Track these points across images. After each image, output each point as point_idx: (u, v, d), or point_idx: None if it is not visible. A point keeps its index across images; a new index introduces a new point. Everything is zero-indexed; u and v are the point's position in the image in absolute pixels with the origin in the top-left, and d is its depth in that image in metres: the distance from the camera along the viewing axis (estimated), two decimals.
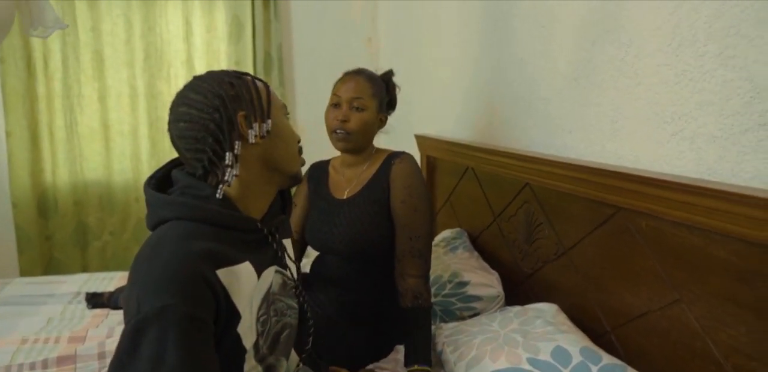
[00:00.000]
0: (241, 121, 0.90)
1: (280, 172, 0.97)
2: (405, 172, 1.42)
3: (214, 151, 0.88)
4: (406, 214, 1.39)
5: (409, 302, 1.33)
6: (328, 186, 1.53)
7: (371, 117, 1.44)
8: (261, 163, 0.93)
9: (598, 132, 1.37)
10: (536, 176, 1.48)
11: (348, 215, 1.43)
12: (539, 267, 1.53)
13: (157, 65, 2.85)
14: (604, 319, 1.28)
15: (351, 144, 1.44)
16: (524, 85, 1.68)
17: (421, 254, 1.37)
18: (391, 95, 1.53)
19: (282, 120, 0.97)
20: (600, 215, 1.26)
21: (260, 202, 0.96)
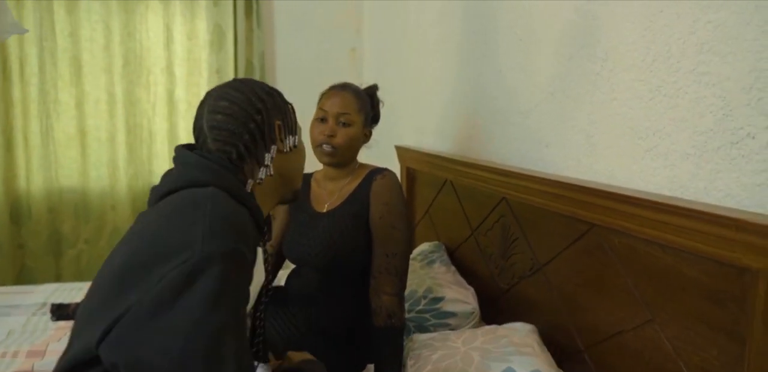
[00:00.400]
0: (278, 128, 0.96)
1: (289, 186, 1.02)
2: (385, 189, 1.40)
3: (246, 147, 0.91)
4: (383, 230, 1.37)
5: (381, 321, 1.30)
6: (309, 199, 1.51)
7: (357, 132, 1.43)
8: (278, 172, 0.97)
9: (574, 147, 1.35)
10: (512, 190, 1.47)
11: (326, 228, 1.41)
12: (515, 283, 1.50)
13: (136, 72, 2.82)
14: (578, 337, 1.26)
15: (337, 158, 1.43)
16: (503, 98, 1.66)
17: (397, 272, 1.35)
18: (375, 110, 1.53)
19: (301, 138, 1.04)
20: (574, 231, 1.24)
21: (264, 210, 0.97)
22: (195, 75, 2.89)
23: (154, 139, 2.88)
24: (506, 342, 1.20)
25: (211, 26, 2.86)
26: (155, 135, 2.88)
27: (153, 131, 2.88)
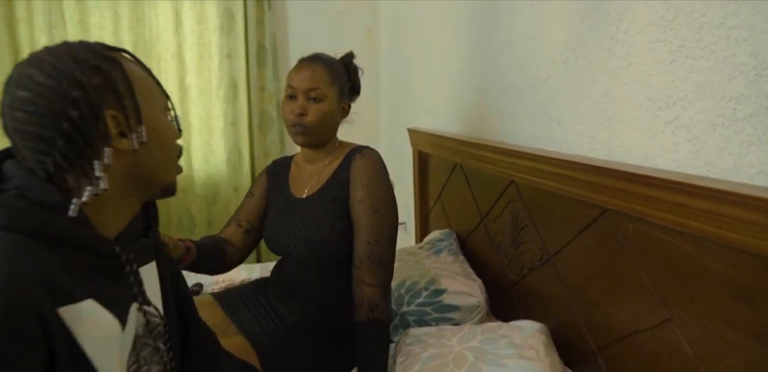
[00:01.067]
0: (111, 123, 0.69)
1: (149, 184, 0.76)
2: (365, 170, 1.27)
3: (65, 155, 0.67)
4: (364, 215, 1.23)
5: (363, 315, 1.18)
6: (288, 183, 1.39)
7: (331, 107, 1.30)
8: (126, 173, 0.73)
9: (587, 122, 1.20)
10: (521, 173, 1.32)
11: (305, 215, 1.29)
12: (524, 274, 1.37)
13: (146, 58, 2.74)
14: (590, 336, 1.12)
15: (311, 138, 1.30)
16: (513, 72, 1.51)
17: (381, 260, 1.21)
18: (353, 80, 1.39)
19: (162, 120, 0.76)
20: (585, 217, 1.10)
21: (118, 219, 0.74)
22: (206, 60, 2.81)
23: None
24: (507, 343, 1.07)
25: (221, 9, 2.77)
26: None
27: None
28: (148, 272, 0.81)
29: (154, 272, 0.83)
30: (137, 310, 0.76)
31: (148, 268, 0.81)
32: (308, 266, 1.30)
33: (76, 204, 0.67)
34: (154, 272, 0.83)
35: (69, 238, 0.66)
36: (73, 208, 0.67)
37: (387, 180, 1.30)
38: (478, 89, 1.74)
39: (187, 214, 2.89)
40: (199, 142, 2.85)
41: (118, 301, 0.71)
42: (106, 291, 0.70)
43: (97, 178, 0.68)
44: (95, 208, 0.70)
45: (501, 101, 1.59)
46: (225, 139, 2.86)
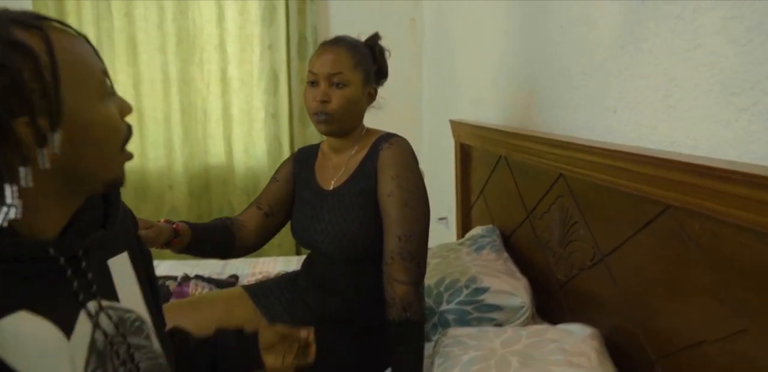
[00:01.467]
0: (24, 132, 0.56)
1: (89, 184, 0.66)
2: (394, 160, 1.19)
3: None
4: (394, 208, 1.16)
5: (396, 314, 1.11)
6: (315, 173, 1.33)
7: (356, 93, 1.22)
8: (59, 177, 0.61)
9: (647, 110, 1.10)
10: (571, 166, 1.23)
11: (332, 209, 1.23)
12: (574, 275, 1.28)
13: (189, 50, 2.76)
14: (648, 345, 1.02)
15: (334, 126, 1.22)
16: (565, 58, 1.41)
17: (413, 257, 1.14)
18: (379, 63, 1.30)
19: (97, 113, 0.62)
20: (644, 214, 1.00)
21: (55, 217, 0.64)
22: (247, 51, 2.80)
23: (208, 118, 2.84)
24: (555, 348, 0.99)
25: (263, 1, 2.75)
26: (209, 114, 2.84)
27: (207, 110, 2.83)
28: (118, 264, 0.74)
29: (124, 264, 0.76)
30: (93, 312, 0.67)
31: (118, 260, 0.74)
32: (337, 261, 1.25)
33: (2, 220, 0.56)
34: (124, 264, 0.76)
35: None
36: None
37: (417, 170, 1.22)
38: (525, 78, 1.65)
39: (228, 206, 2.90)
40: (240, 134, 2.85)
41: (60, 307, 0.63)
42: (44, 298, 0.62)
43: (11, 205, 0.56)
44: (25, 211, 0.58)
45: (551, 90, 1.49)
46: (266, 130, 2.85)
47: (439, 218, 2.56)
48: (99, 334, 0.67)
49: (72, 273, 0.65)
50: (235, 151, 2.86)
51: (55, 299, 0.64)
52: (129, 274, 0.76)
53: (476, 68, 2.08)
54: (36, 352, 0.60)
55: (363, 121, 1.30)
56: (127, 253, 0.77)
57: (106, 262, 0.73)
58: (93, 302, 0.68)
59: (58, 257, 0.63)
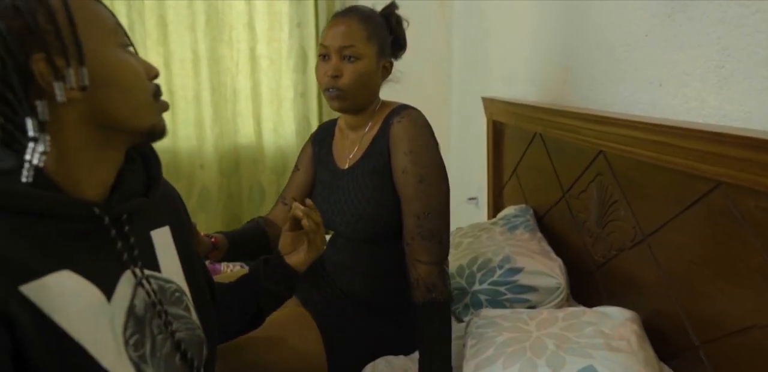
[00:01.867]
0: (41, 68, 0.59)
1: (122, 131, 0.66)
2: (405, 134, 1.12)
3: (5, 115, 0.59)
4: (409, 186, 1.11)
5: (420, 296, 1.08)
6: (333, 152, 1.29)
7: (369, 67, 1.15)
8: (87, 122, 0.63)
9: (697, 83, 1.03)
10: (612, 142, 1.17)
11: (347, 189, 1.19)
12: (612, 256, 1.23)
13: (218, 28, 2.74)
14: (691, 329, 0.98)
15: (347, 102, 1.16)
16: (605, 28, 1.34)
17: (433, 235, 1.09)
18: (396, 33, 1.22)
19: (115, 57, 0.65)
20: (692, 192, 0.95)
21: (98, 174, 0.66)
22: (276, 30, 2.77)
23: (238, 97, 2.83)
24: (593, 331, 0.95)
25: None
26: (239, 93, 2.82)
27: (237, 89, 2.82)
28: (160, 236, 0.75)
29: (166, 237, 0.77)
30: (134, 277, 0.69)
31: (160, 232, 0.76)
32: (357, 242, 1.22)
33: (27, 168, 0.58)
34: (166, 237, 0.77)
35: (31, 205, 0.59)
36: (25, 173, 0.58)
37: (432, 143, 1.15)
38: (562, 51, 1.58)
39: (257, 186, 2.91)
40: (269, 113, 2.84)
41: (102, 269, 0.65)
42: (86, 259, 0.63)
43: (33, 138, 0.59)
44: (64, 167, 0.62)
45: (590, 63, 1.42)
46: (294, 109, 2.83)
47: (469, 198, 2.52)
48: (138, 300, 0.69)
49: (116, 234, 0.67)
50: (265, 130, 2.85)
51: (98, 261, 0.65)
52: (170, 247, 0.78)
53: (509, 44, 2.01)
54: (78, 311, 0.61)
55: (379, 95, 1.24)
56: (169, 228, 0.78)
57: (149, 233, 0.74)
58: (135, 268, 0.69)
59: (103, 217, 0.64)
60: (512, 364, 0.89)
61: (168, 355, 0.72)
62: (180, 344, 0.74)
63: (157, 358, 0.70)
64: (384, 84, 1.26)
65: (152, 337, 0.70)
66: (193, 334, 0.78)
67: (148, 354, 0.69)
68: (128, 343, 0.66)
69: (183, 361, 0.75)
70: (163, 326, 0.72)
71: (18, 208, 0.58)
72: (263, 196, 2.91)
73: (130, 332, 0.67)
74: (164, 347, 0.72)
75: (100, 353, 0.62)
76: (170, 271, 0.76)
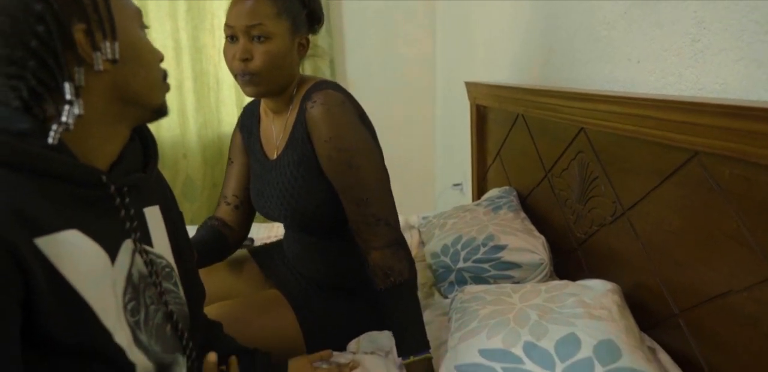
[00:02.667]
0: (81, 37, 0.63)
1: (137, 106, 0.70)
2: (321, 119, 1.03)
3: (39, 79, 0.62)
4: (339, 173, 1.05)
5: (381, 283, 1.04)
6: (260, 140, 1.20)
7: (282, 46, 1.04)
8: (110, 94, 0.67)
9: (673, 57, 1.05)
10: (592, 118, 1.19)
11: (278, 182, 1.13)
12: (593, 232, 1.25)
13: (200, 16, 2.72)
14: (670, 298, 1.00)
15: (263, 87, 1.06)
16: (584, 9, 1.35)
17: (378, 220, 1.04)
18: (310, 6, 1.11)
19: (138, 35, 0.70)
20: (668, 163, 0.96)
21: (107, 147, 0.70)
22: None
23: (221, 86, 2.81)
24: (575, 301, 0.97)
25: None
26: (222, 82, 2.81)
27: (219, 78, 2.80)
28: (152, 214, 0.78)
29: (157, 216, 0.80)
30: (132, 246, 0.72)
31: (151, 210, 0.79)
32: (305, 235, 1.19)
33: (56, 131, 0.62)
34: (157, 216, 0.80)
35: (45, 167, 0.61)
36: (52, 135, 0.61)
37: (353, 122, 1.06)
38: (542, 33, 1.59)
39: None
40: None
41: (106, 234, 0.67)
42: (92, 222, 0.66)
43: (69, 101, 0.62)
44: (79, 135, 0.65)
45: (570, 43, 1.44)
46: None
47: (454, 184, 2.54)
48: (135, 269, 0.72)
49: (120, 203, 0.70)
50: None
51: (103, 225, 0.68)
52: (161, 225, 0.81)
53: (491, 29, 2.02)
54: (86, 270, 0.64)
55: (298, 73, 1.14)
56: (158, 208, 0.81)
57: (143, 209, 0.77)
58: (135, 238, 0.72)
59: (110, 185, 0.68)
60: (496, 334, 0.90)
61: (159, 325, 0.75)
62: (172, 315, 0.77)
63: (150, 327, 0.73)
64: (305, 60, 1.18)
65: (146, 306, 0.73)
66: (181, 309, 0.81)
67: (142, 321, 0.71)
68: (126, 308, 0.69)
69: (174, 333, 0.78)
70: (156, 297, 0.75)
71: (33, 168, 0.61)
72: None
73: (128, 297, 0.69)
74: (156, 317, 0.74)
75: (103, 312, 0.65)
76: (161, 247, 0.79)
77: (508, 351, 0.86)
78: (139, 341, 0.70)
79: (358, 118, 1.07)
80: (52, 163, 0.62)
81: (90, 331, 0.64)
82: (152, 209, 0.79)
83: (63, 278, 0.61)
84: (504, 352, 0.86)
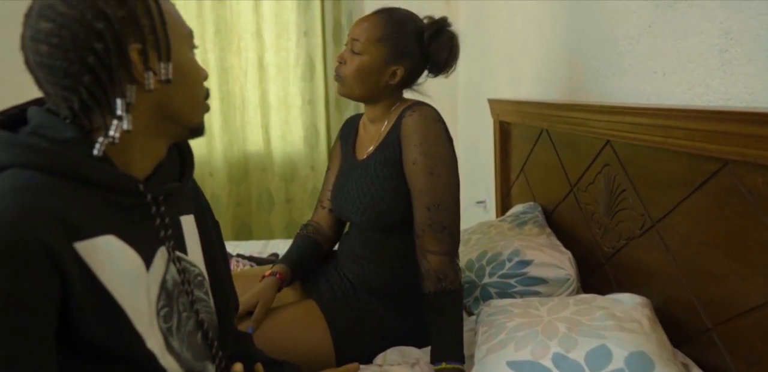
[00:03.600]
0: (135, 57, 0.65)
1: (177, 124, 0.73)
2: (416, 127, 1.14)
3: (91, 93, 0.64)
4: (419, 177, 1.13)
5: (431, 286, 1.09)
6: (355, 145, 1.33)
7: (369, 64, 1.18)
8: (154, 111, 0.69)
9: (701, 69, 1.04)
10: (618, 131, 1.18)
11: (359, 178, 1.23)
12: (621, 246, 1.23)
13: (227, 38, 2.80)
14: (703, 312, 0.98)
15: (345, 89, 1.22)
16: (608, 23, 1.36)
17: (444, 227, 1.11)
18: (428, 51, 1.22)
19: (188, 56, 0.72)
20: (699, 173, 0.95)
21: (145, 160, 0.72)
22: (283, 38, 2.82)
23: (246, 106, 2.87)
24: (605, 315, 0.95)
25: None
26: (247, 102, 2.87)
27: (245, 98, 2.86)
28: (187, 223, 0.80)
29: (192, 225, 0.81)
30: (167, 254, 0.73)
31: (187, 219, 0.80)
32: (368, 231, 1.24)
33: (102, 143, 0.64)
34: (192, 225, 0.81)
35: (86, 174, 0.64)
36: (98, 147, 0.64)
37: (443, 136, 1.17)
38: (566, 48, 1.60)
39: (266, 193, 2.93)
40: (277, 121, 2.88)
41: (142, 241, 0.69)
42: (129, 229, 0.68)
43: (119, 117, 0.65)
44: (120, 147, 0.67)
45: (594, 58, 1.44)
46: (302, 117, 2.86)
47: (477, 201, 2.53)
48: (169, 276, 0.73)
49: (156, 212, 0.72)
50: (273, 137, 2.89)
51: (139, 232, 0.70)
52: (195, 234, 0.82)
53: (514, 45, 2.04)
54: (122, 275, 0.65)
55: (401, 96, 1.28)
56: (193, 217, 0.82)
57: (179, 217, 0.79)
58: (169, 246, 0.73)
59: (146, 194, 0.70)
60: (524, 346, 0.89)
61: (191, 333, 0.76)
62: (203, 324, 0.78)
63: (182, 334, 0.74)
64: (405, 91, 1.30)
65: (178, 313, 0.74)
66: (212, 318, 0.82)
67: (174, 327, 0.72)
68: (159, 314, 0.70)
69: (204, 341, 0.78)
70: (188, 304, 0.76)
71: (75, 175, 0.63)
72: (272, 203, 2.93)
73: (161, 304, 0.70)
74: (188, 325, 0.75)
75: (136, 317, 0.66)
76: (194, 256, 0.80)
77: (537, 363, 0.84)
78: (171, 347, 0.71)
79: (447, 135, 1.18)
80: (93, 170, 0.64)
81: (123, 336, 0.65)
82: (187, 218, 0.81)
83: (99, 282, 0.63)
84: (533, 363, 0.85)
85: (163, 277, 0.72)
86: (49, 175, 0.62)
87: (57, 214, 0.59)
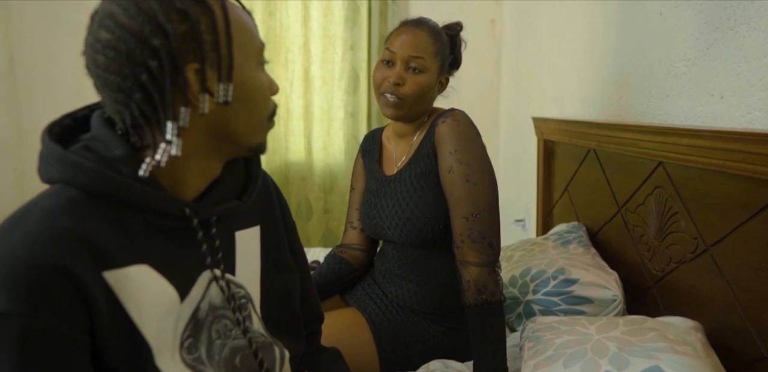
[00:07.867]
0: (192, 77, 0.61)
1: (235, 145, 0.68)
2: (450, 133, 1.12)
3: (142, 111, 0.60)
4: (456, 186, 1.10)
5: (472, 297, 1.07)
6: (381, 161, 1.30)
7: (430, 81, 1.17)
8: (208, 133, 0.65)
9: (761, 93, 1.04)
10: (672, 152, 1.17)
11: (394, 194, 1.20)
12: (671, 269, 1.21)
13: (276, 50, 2.87)
14: (759, 339, 0.96)
15: (403, 111, 1.17)
16: (663, 45, 1.36)
17: (483, 237, 1.09)
18: (456, 53, 1.25)
19: (254, 76, 0.66)
20: (759, 198, 0.94)
21: (196, 180, 0.67)
22: (329, 52, 2.88)
23: (290, 116, 2.93)
24: (656, 336, 0.94)
25: (347, 2, 2.83)
26: (291, 112, 2.93)
27: (290, 108, 2.92)
28: (245, 238, 0.75)
29: (250, 239, 0.76)
30: (211, 279, 0.69)
31: (246, 233, 0.75)
32: (406, 248, 1.22)
33: (148, 164, 0.61)
34: (250, 239, 0.76)
35: (127, 197, 0.60)
36: (144, 168, 0.60)
37: (477, 142, 1.15)
38: (616, 69, 1.60)
39: (305, 202, 2.97)
40: (320, 132, 2.93)
41: (182, 269, 0.66)
42: (169, 257, 0.64)
43: (169, 142, 0.61)
44: (170, 168, 0.63)
45: (646, 79, 1.44)
46: (344, 129, 2.91)
47: (516, 220, 2.51)
48: (204, 303, 0.68)
49: (203, 236, 0.67)
50: (315, 148, 2.94)
51: (180, 261, 0.66)
52: (254, 249, 0.76)
53: (561, 65, 2.04)
54: (150, 307, 0.62)
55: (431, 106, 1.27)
56: (258, 228, 0.77)
57: (234, 233, 0.74)
58: (215, 270, 0.69)
59: (192, 218, 0.65)
60: (573, 363, 0.88)
61: (227, 359, 0.71)
62: (242, 348, 0.72)
63: (216, 361, 0.69)
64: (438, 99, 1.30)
65: (208, 341, 0.69)
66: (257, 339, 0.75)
67: (204, 357, 0.68)
68: (183, 345, 0.66)
69: (243, 364, 0.72)
70: (223, 330, 0.70)
71: (116, 197, 0.60)
72: (311, 212, 2.97)
73: (186, 335, 0.66)
74: (223, 352, 0.70)
75: (159, 351, 0.63)
76: (245, 275, 0.75)
77: None
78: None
79: (480, 141, 1.16)
80: (135, 193, 0.60)
81: (143, 370, 0.61)
82: (248, 232, 0.76)
83: (126, 313, 0.60)
84: None
85: (197, 305, 0.68)
86: (86, 197, 0.59)
87: (90, 241, 0.57)
